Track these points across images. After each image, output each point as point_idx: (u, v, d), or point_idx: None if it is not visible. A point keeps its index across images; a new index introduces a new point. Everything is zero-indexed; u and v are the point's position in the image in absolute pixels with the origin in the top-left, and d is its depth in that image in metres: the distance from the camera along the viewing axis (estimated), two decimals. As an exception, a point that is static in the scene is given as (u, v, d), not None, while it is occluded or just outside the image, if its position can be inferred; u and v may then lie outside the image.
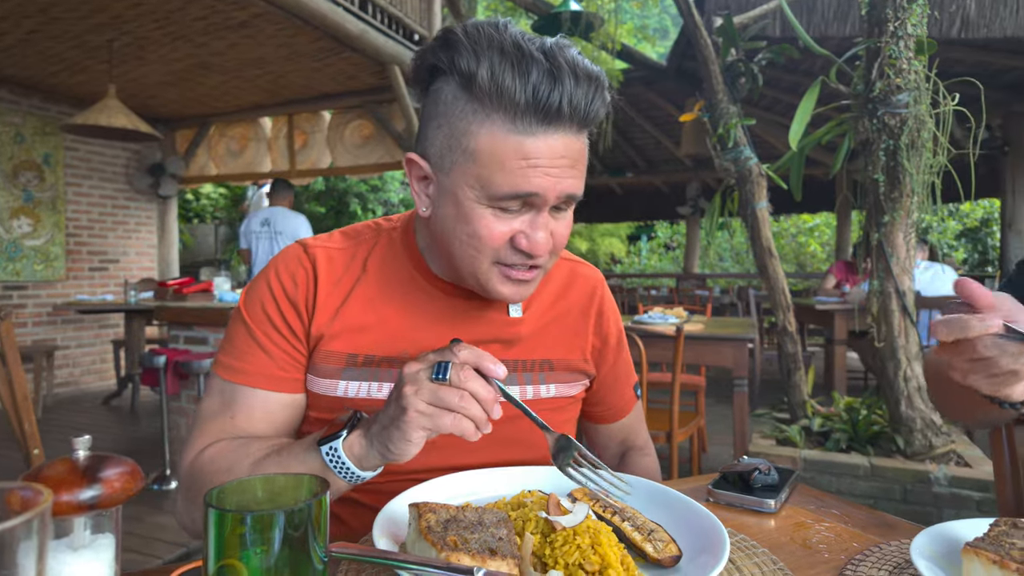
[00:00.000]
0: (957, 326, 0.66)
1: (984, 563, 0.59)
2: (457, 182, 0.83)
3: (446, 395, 0.70)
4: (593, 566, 0.63)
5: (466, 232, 0.84)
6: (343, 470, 0.76)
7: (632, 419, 1.19)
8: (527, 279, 0.87)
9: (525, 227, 0.83)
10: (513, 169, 0.79)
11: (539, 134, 0.78)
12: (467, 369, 0.71)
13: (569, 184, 0.82)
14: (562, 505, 0.70)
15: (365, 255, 1.00)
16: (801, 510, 0.92)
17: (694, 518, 0.75)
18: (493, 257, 0.85)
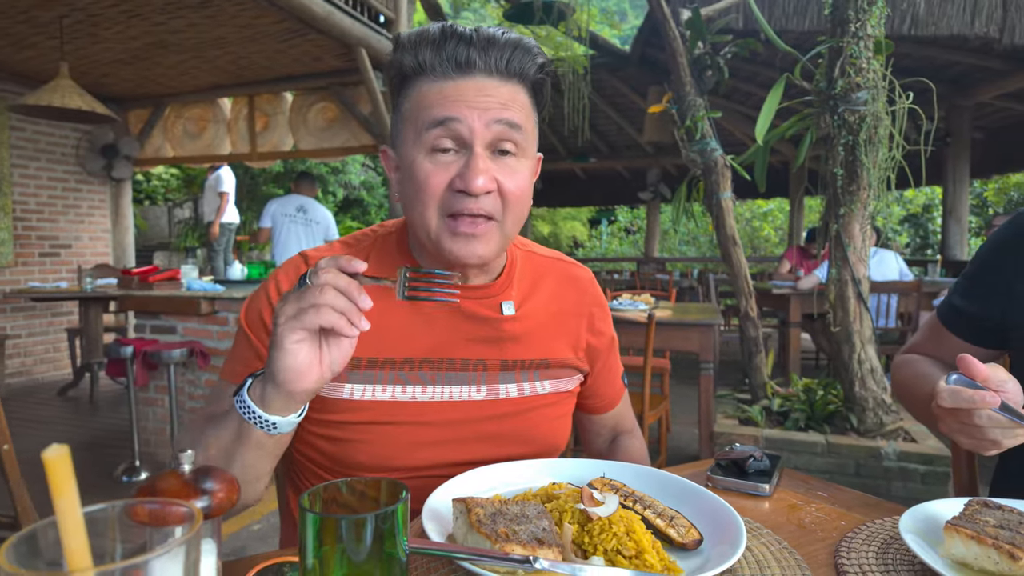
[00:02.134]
0: (962, 399, 0.78)
1: (964, 539, 0.69)
2: (404, 150, 0.93)
3: (305, 295, 0.73)
4: (630, 551, 0.70)
5: (412, 188, 0.91)
6: (252, 415, 0.79)
7: (621, 407, 1.26)
8: (474, 233, 0.91)
9: (460, 169, 0.90)
10: (434, 106, 0.90)
11: (457, 78, 0.90)
12: (324, 270, 0.74)
13: (498, 112, 0.90)
14: (595, 497, 0.77)
15: (364, 261, 1.04)
16: (792, 493, 1.02)
17: (705, 503, 0.83)
18: (439, 208, 0.90)
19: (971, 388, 0.78)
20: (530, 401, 1.06)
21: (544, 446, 1.06)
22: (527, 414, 1.06)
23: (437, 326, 1.01)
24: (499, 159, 0.91)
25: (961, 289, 1.18)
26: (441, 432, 1.00)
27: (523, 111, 0.93)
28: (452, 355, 1.01)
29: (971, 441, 0.82)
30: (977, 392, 0.77)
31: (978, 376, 0.79)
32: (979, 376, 0.79)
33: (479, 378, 1.03)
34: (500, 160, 0.91)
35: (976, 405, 0.77)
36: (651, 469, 0.97)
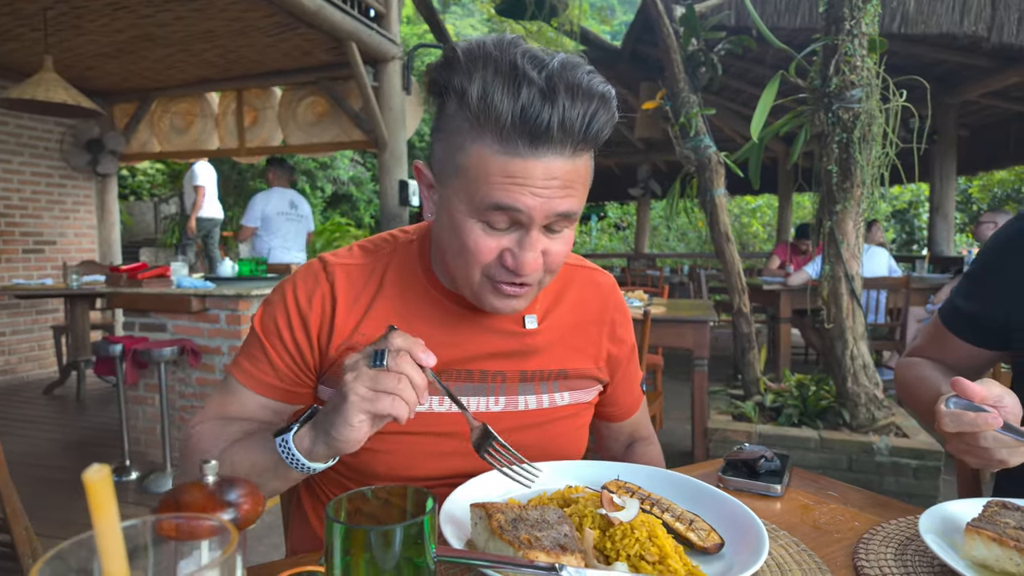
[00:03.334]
0: (964, 422, 0.78)
1: (985, 541, 0.69)
2: (451, 195, 0.86)
3: (384, 379, 0.73)
4: (653, 556, 0.69)
5: (457, 244, 0.87)
6: (293, 460, 0.80)
7: (639, 414, 1.25)
8: (518, 294, 0.90)
9: (513, 245, 0.85)
10: (496, 184, 0.81)
11: (527, 156, 0.80)
12: (403, 355, 0.74)
13: (559, 204, 0.83)
14: (615, 501, 0.76)
15: (383, 270, 1.02)
16: (803, 492, 1.02)
17: (722, 505, 0.83)
18: (483, 271, 0.88)
19: (971, 410, 0.78)
20: (549, 413, 1.04)
21: (563, 457, 1.04)
22: (546, 426, 1.04)
23: (460, 339, 1.00)
24: (551, 234, 0.88)
25: (963, 290, 1.19)
26: (459, 443, 0.98)
27: (583, 184, 0.87)
28: (472, 367, 1.00)
29: (980, 462, 0.82)
30: (979, 415, 0.78)
31: (975, 397, 0.79)
32: (976, 397, 0.79)
33: (498, 389, 1.01)
34: (551, 234, 0.88)
35: (979, 428, 0.78)
36: (664, 471, 0.96)
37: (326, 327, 0.97)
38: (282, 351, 0.97)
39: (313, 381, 1.01)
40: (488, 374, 1.01)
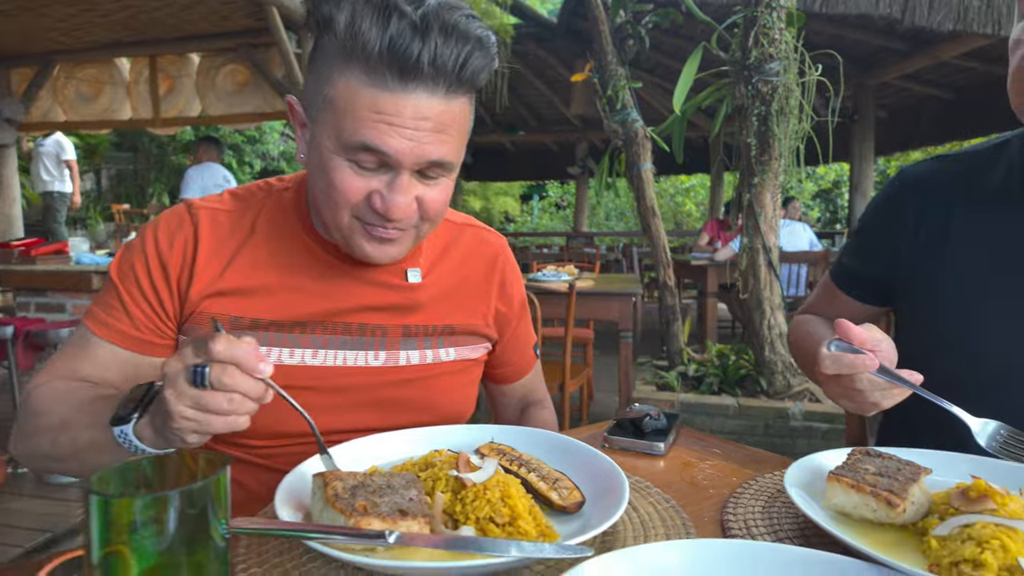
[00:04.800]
0: (843, 364, 0.78)
1: (844, 488, 0.68)
2: (319, 131, 0.82)
3: (211, 401, 0.63)
4: (503, 518, 0.64)
5: (324, 183, 0.83)
6: (135, 449, 0.71)
7: (532, 377, 1.22)
8: (390, 238, 0.86)
9: (382, 187, 0.81)
10: (364, 120, 0.77)
11: (396, 90, 0.76)
12: (230, 370, 0.63)
13: (431, 149, 0.80)
14: (471, 462, 0.71)
15: (254, 216, 0.96)
16: (687, 450, 1.00)
17: (595, 464, 0.79)
18: (351, 212, 0.84)
19: (851, 353, 0.78)
20: (433, 368, 1.01)
21: (448, 414, 1.01)
22: (429, 381, 1.01)
23: (337, 291, 0.95)
24: (425, 180, 0.84)
25: (850, 249, 1.20)
26: (334, 398, 0.94)
27: (459, 131, 0.83)
28: (350, 320, 0.96)
29: (854, 404, 0.83)
30: (857, 357, 0.77)
31: (855, 340, 0.79)
32: (856, 340, 0.79)
33: (378, 344, 0.97)
34: (425, 180, 0.84)
35: (856, 370, 0.77)
36: (545, 432, 0.92)
37: (187, 271, 0.91)
38: (139, 298, 0.90)
39: (173, 331, 0.93)
40: (367, 328, 0.97)
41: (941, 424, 0.87)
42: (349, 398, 0.95)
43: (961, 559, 0.57)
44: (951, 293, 0.99)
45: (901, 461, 0.72)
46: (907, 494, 0.65)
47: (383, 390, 0.98)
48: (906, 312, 1.10)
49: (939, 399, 0.77)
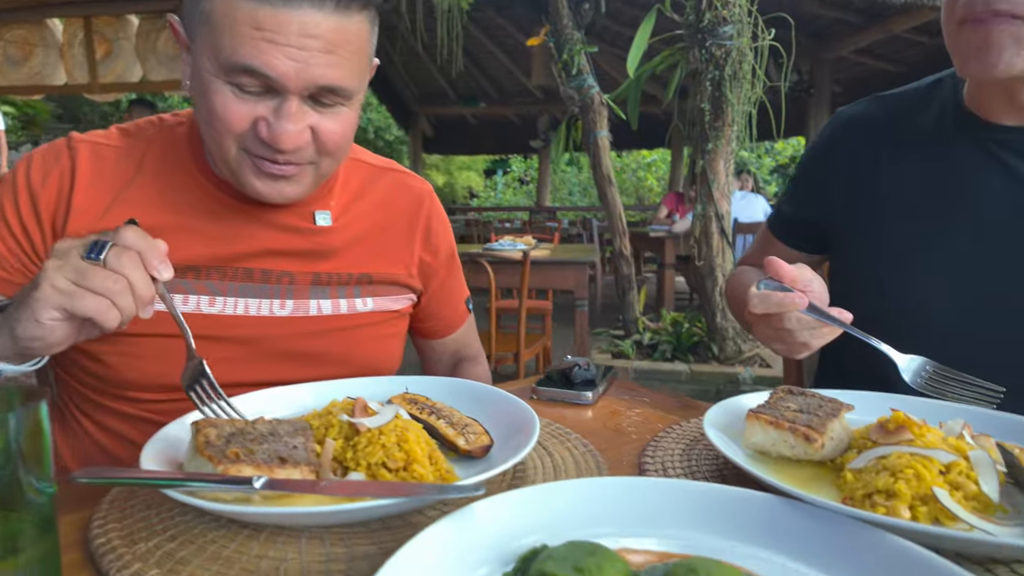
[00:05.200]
0: (772, 303, 0.74)
1: (763, 425, 0.64)
2: (199, 52, 0.75)
3: (95, 276, 0.60)
4: (397, 463, 0.59)
5: (206, 109, 0.76)
6: None
7: (464, 332, 1.17)
8: (283, 175, 0.79)
9: (268, 113, 0.75)
10: (243, 37, 0.70)
11: (277, 3, 0.70)
12: (130, 254, 0.61)
13: (320, 72, 0.73)
14: (369, 407, 0.65)
15: (142, 153, 0.88)
16: (616, 400, 0.96)
17: (509, 410, 0.74)
18: (238, 143, 0.77)
19: (780, 292, 0.75)
20: (349, 319, 0.94)
21: (368, 368, 0.95)
22: (346, 333, 0.94)
23: (235, 233, 0.87)
24: (318, 107, 0.77)
25: (788, 196, 1.17)
26: (234, 349, 0.87)
27: (355, 54, 0.76)
28: (251, 265, 0.89)
29: (784, 346, 0.79)
30: (786, 295, 0.74)
31: (785, 278, 0.75)
32: (786, 278, 0.75)
33: (284, 292, 0.90)
34: (319, 108, 0.77)
35: (785, 308, 0.74)
36: (463, 381, 0.87)
37: (62, 208, 0.83)
38: (6, 234, 0.83)
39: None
40: (272, 274, 0.90)
41: (875, 371, 0.85)
42: (254, 349, 0.89)
43: (874, 490, 0.54)
44: (880, 238, 0.97)
45: (823, 398, 0.70)
46: (826, 429, 0.62)
47: (292, 341, 0.91)
48: (838, 258, 1.08)
49: (867, 336, 0.75)
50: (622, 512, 0.52)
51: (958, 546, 0.47)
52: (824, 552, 0.47)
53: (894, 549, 0.45)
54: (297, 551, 0.51)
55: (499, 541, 0.48)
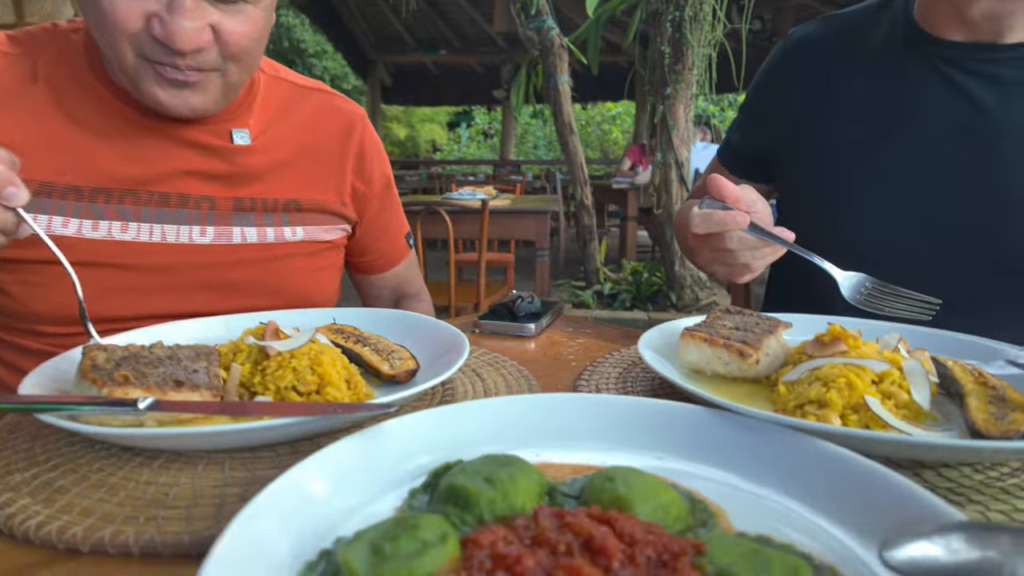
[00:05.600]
0: (713, 221, 0.71)
1: (697, 343, 0.62)
2: None
3: None
4: (309, 387, 0.55)
5: (95, 9, 0.69)
6: None
7: (404, 268, 1.12)
8: (187, 81, 0.73)
9: (161, 8, 0.68)
10: None
11: None
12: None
13: None
14: (281, 332, 0.61)
15: (34, 61, 0.80)
16: (560, 332, 0.94)
17: (441, 337, 0.71)
18: (133, 47, 0.70)
19: (722, 210, 0.72)
20: (276, 249, 0.89)
21: (297, 302, 0.90)
22: (272, 264, 0.89)
23: (145, 153, 0.80)
24: (218, 4, 0.70)
25: (736, 124, 1.14)
26: (150, 278, 0.82)
27: None
28: (166, 188, 0.82)
29: (725, 268, 0.77)
30: (728, 213, 0.71)
31: (728, 197, 0.72)
32: (729, 197, 0.72)
33: (204, 218, 0.84)
34: (220, 5, 0.70)
35: (727, 226, 0.71)
36: (396, 312, 0.84)
37: None
38: None
39: None
40: (190, 199, 0.83)
41: (820, 303, 0.84)
42: (172, 279, 0.83)
43: (806, 400, 0.52)
44: (824, 154, 0.95)
45: (761, 317, 0.68)
46: (761, 345, 0.60)
47: (215, 271, 0.86)
48: (784, 180, 1.05)
49: (809, 254, 0.73)
50: (543, 428, 0.49)
51: (887, 450, 0.46)
52: (752, 462, 0.45)
53: (824, 455, 0.43)
54: (191, 477, 0.47)
55: (412, 460, 0.45)
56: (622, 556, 0.32)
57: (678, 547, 0.34)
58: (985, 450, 0.42)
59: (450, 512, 0.38)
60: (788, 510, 0.41)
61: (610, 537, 0.33)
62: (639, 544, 0.34)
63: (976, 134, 0.84)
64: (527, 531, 0.36)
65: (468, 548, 0.34)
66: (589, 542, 0.33)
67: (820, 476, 0.42)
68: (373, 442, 0.44)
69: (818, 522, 0.39)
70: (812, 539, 0.38)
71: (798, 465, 0.44)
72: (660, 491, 0.39)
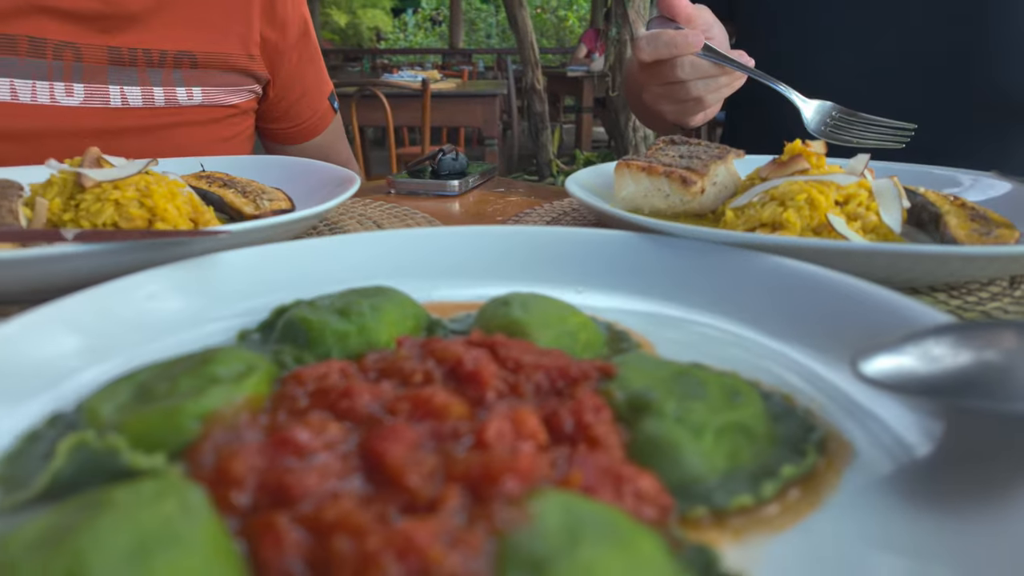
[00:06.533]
0: (662, 43, 0.59)
1: (634, 173, 0.52)
2: None
3: None
4: (135, 222, 0.43)
5: None
6: None
7: (329, 137, 0.97)
8: None
9: None
10: None
11: None
12: None
13: None
14: (104, 160, 0.47)
15: None
16: (491, 193, 0.82)
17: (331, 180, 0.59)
18: None
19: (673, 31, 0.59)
20: (167, 115, 0.73)
21: None
22: (164, 133, 0.73)
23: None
24: None
25: None
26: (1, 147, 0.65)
27: None
28: (13, 29, 0.64)
29: (675, 107, 0.66)
30: (679, 33, 0.59)
31: (680, 14, 0.60)
32: (681, 14, 0.60)
33: (69, 72, 0.67)
34: None
35: (678, 49, 0.59)
36: (278, 158, 0.71)
37: None
38: None
39: None
40: (47, 45, 0.66)
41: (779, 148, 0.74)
42: (28, 150, 0.65)
43: (758, 224, 0.43)
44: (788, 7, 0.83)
45: (710, 145, 0.57)
46: (707, 172, 0.50)
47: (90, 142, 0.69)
48: (747, 10, 0.93)
49: (771, 80, 0.62)
50: (433, 264, 0.39)
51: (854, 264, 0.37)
52: (690, 288, 0.37)
53: (778, 271, 0.34)
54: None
55: (250, 299, 0.34)
56: (501, 385, 0.23)
57: (578, 371, 0.25)
58: (979, 258, 0.34)
59: (284, 351, 0.28)
60: (732, 336, 0.33)
61: (485, 362, 0.24)
62: (525, 370, 0.24)
63: None
64: (378, 364, 0.26)
65: (286, 386, 0.24)
66: (457, 370, 0.24)
67: (772, 295, 0.34)
68: (193, 273, 0.33)
69: (771, 346, 0.31)
70: (763, 366, 0.30)
71: (745, 285, 0.35)
72: (567, 315, 0.30)
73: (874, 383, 0.25)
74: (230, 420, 0.23)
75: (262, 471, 0.20)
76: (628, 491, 0.21)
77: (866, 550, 0.21)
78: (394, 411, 0.23)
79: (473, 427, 0.22)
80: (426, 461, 0.21)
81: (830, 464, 0.24)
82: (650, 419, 0.23)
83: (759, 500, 0.22)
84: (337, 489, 0.20)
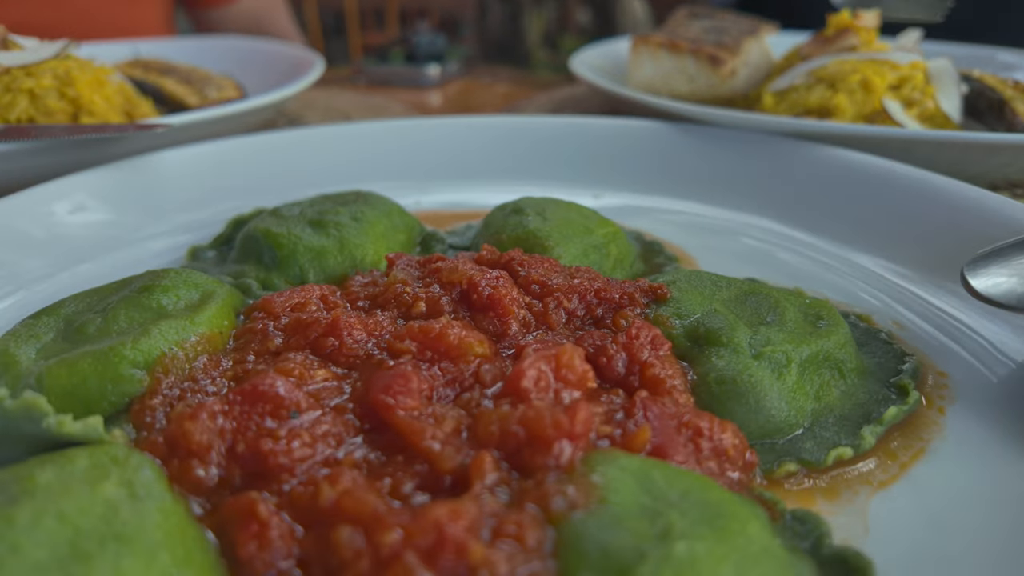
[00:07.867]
0: None
1: (653, 51, 0.45)
2: None
3: None
4: (55, 117, 0.36)
5: None
6: None
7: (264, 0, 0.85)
8: None
9: None
10: None
11: None
12: None
13: None
14: (12, 41, 0.39)
15: None
16: (475, 82, 0.75)
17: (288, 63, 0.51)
18: None
19: None
20: None
21: None
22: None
23: None
24: None
25: None
26: None
27: None
28: None
29: None
30: None
31: None
32: None
33: None
34: None
35: None
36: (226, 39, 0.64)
37: None
38: None
39: None
40: None
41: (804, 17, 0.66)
42: None
43: (803, 110, 0.37)
44: None
45: (739, 18, 0.50)
46: (740, 50, 0.43)
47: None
48: None
49: None
50: (423, 163, 0.33)
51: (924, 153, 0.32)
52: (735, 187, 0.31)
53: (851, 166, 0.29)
54: None
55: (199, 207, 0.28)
56: (526, 314, 0.18)
57: (621, 293, 0.20)
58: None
59: (247, 272, 0.23)
60: (786, 242, 0.28)
61: (505, 286, 0.19)
62: (556, 293, 0.19)
63: None
64: (368, 289, 0.21)
65: (253, 319, 0.19)
66: (469, 296, 0.19)
67: (832, 194, 0.28)
68: (128, 177, 0.27)
69: (836, 253, 0.26)
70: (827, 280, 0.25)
71: (798, 183, 0.30)
72: (592, 225, 0.25)
73: (985, 299, 0.20)
74: (184, 366, 0.18)
75: (231, 434, 0.15)
76: (707, 449, 0.16)
77: (982, 505, 0.18)
78: (396, 352, 0.18)
79: (501, 370, 0.17)
80: (445, 418, 0.16)
81: (930, 400, 0.20)
82: (720, 353, 0.19)
83: (859, 452, 0.18)
84: (332, 458, 0.15)
